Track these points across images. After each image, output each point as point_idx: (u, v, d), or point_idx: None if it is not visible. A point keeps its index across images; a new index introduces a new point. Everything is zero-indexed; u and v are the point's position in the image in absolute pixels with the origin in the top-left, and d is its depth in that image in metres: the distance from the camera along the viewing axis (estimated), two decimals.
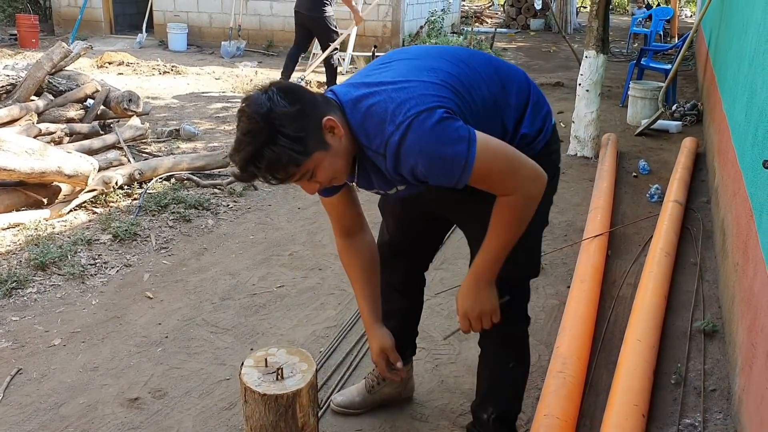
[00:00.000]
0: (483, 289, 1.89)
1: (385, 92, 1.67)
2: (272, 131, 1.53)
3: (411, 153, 1.61)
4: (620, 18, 20.26)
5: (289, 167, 1.57)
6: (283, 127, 1.53)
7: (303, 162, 1.58)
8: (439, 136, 1.60)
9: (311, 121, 1.58)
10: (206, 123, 6.93)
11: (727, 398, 2.65)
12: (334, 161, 1.64)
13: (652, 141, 6.51)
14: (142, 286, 3.50)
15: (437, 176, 1.64)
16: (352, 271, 2.10)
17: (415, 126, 1.59)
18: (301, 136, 1.55)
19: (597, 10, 5.74)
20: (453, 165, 1.61)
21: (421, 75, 1.72)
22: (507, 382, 2.20)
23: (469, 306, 1.91)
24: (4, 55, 10.75)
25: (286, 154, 1.54)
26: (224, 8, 12.32)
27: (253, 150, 1.54)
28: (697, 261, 3.83)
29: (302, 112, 1.56)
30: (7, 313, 3.18)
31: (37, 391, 2.64)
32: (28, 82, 5.32)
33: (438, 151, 1.60)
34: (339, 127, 1.62)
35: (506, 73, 1.92)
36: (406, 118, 1.60)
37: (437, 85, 1.70)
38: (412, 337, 2.52)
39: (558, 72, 10.52)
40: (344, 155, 1.67)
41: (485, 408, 2.20)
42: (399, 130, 1.60)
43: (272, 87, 1.58)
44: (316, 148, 1.59)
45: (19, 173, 4.01)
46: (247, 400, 1.97)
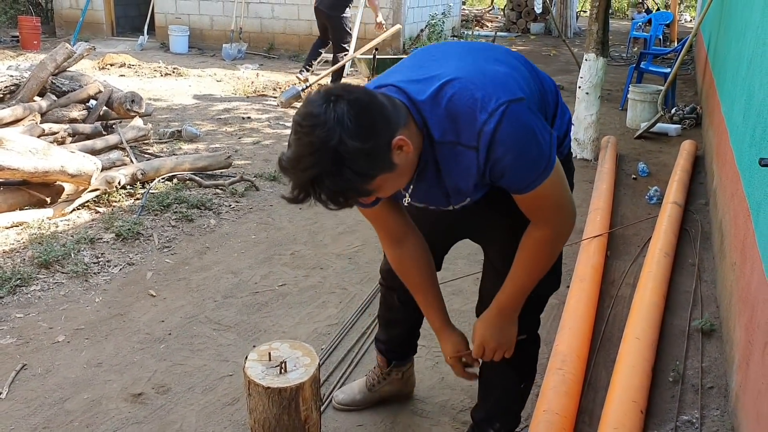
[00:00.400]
0: (506, 322, 1.87)
1: (462, 81, 1.52)
2: (339, 165, 1.35)
3: (503, 143, 1.50)
4: (620, 22, 20.33)
5: (349, 196, 1.42)
6: (353, 164, 1.36)
7: (366, 189, 1.44)
8: (530, 131, 1.52)
9: (382, 148, 1.41)
10: (208, 124, 6.97)
11: (725, 395, 2.68)
12: (398, 180, 1.52)
13: (652, 144, 6.55)
14: (145, 284, 3.53)
15: (517, 174, 1.55)
16: (411, 280, 1.94)
17: (510, 114, 1.48)
18: (370, 173, 1.41)
19: (597, 13, 5.79)
20: (535, 166, 1.55)
21: (488, 64, 1.62)
22: (518, 401, 2.20)
23: (489, 337, 1.88)
24: (6, 57, 10.79)
25: (350, 186, 1.39)
26: (225, 11, 12.37)
27: (313, 176, 1.36)
28: (695, 262, 3.86)
29: (375, 148, 1.39)
30: (11, 310, 3.21)
31: (42, 386, 2.67)
32: (32, 83, 5.35)
33: (528, 146, 1.52)
34: (409, 145, 1.46)
35: (538, 70, 1.84)
36: (499, 105, 1.48)
37: (509, 75, 1.60)
38: (415, 335, 2.53)
39: (558, 75, 10.56)
40: (410, 169, 1.54)
41: (492, 423, 2.18)
42: (493, 117, 1.47)
43: (340, 100, 1.37)
44: (381, 172, 1.43)
45: (23, 172, 4.04)
46: (251, 393, 2.00)
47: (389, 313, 2.43)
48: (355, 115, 1.36)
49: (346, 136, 1.34)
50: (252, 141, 6.41)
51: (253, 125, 7.08)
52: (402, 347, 2.50)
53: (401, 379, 2.55)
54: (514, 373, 2.11)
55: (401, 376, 2.54)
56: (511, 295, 1.82)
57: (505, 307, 1.85)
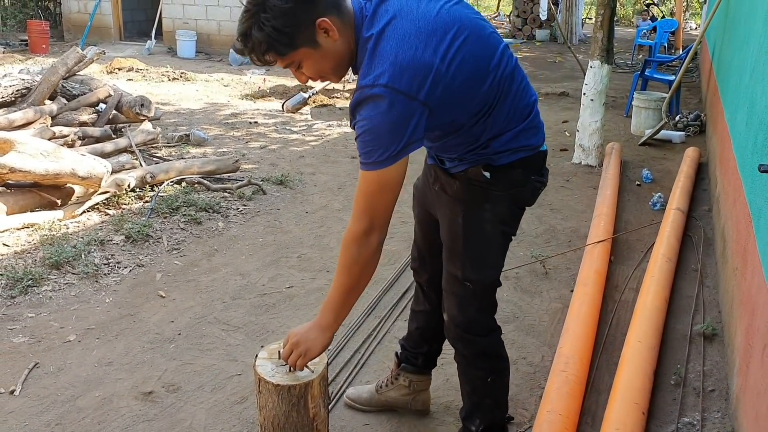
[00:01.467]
0: (314, 329, 1.97)
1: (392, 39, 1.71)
2: (263, 19, 1.65)
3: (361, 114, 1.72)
4: (625, 30, 20.37)
5: (270, 53, 1.70)
6: (271, 20, 1.64)
7: (286, 53, 1.70)
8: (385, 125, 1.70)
9: (303, 19, 1.67)
10: (215, 129, 7.04)
11: (726, 398, 2.72)
12: (322, 59, 1.76)
13: (656, 151, 6.59)
14: (155, 285, 3.58)
15: (359, 143, 1.76)
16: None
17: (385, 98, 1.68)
18: (287, 31, 1.66)
19: (602, 21, 5.85)
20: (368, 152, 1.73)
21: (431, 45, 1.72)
22: (489, 395, 2.21)
23: (298, 332, 1.99)
24: (15, 60, 10.89)
25: (269, 42, 1.67)
26: (233, 16, 12.45)
27: (243, 29, 1.69)
28: (698, 267, 3.90)
29: (293, 11, 1.65)
30: (23, 310, 3.27)
31: (54, 384, 2.72)
32: (43, 86, 5.42)
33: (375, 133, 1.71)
34: (333, 30, 1.71)
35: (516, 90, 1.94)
36: (384, 84, 1.68)
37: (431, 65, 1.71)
38: (432, 343, 2.50)
39: (563, 82, 10.62)
40: (334, 56, 1.76)
41: (473, 420, 2.23)
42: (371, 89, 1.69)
43: None
44: (303, 44, 1.70)
45: (34, 175, 4.10)
46: (261, 390, 2.05)
47: (414, 304, 2.50)
48: None
49: None
50: (259, 145, 6.47)
51: (260, 130, 7.14)
52: (415, 349, 2.51)
53: (408, 389, 2.54)
54: (476, 369, 2.17)
55: (408, 384, 2.53)
56: (328, 297, 1.98)
57: (322, 310, 1.98)
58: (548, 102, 9.08)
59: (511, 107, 1.91)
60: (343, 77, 1.87)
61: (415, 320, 2.49)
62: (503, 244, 2.09)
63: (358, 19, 1.77)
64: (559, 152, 6.39)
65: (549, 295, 3.57)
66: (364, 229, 1.82)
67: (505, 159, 1.94)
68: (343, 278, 1.91)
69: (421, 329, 2.47)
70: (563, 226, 4.56)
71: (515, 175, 1.97)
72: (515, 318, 3.32)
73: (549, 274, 3.80)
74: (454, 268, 2.07)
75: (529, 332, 3.20)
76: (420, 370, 2.53)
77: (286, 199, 4.97)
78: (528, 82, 2.01)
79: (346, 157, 6.16)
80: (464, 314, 2.10)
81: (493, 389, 2.21)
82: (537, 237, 4.35)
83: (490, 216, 1.99)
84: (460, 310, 2.10)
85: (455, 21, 1.79)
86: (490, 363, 2.18)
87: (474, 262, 2.04)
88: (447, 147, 1.98)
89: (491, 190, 1.98)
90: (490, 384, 2.19)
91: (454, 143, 1.95)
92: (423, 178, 2.26)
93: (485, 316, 2.14)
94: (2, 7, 14.03)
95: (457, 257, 2.05)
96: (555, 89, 9.76)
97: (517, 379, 2.81)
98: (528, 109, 1.97)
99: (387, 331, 3.17)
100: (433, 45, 1.72)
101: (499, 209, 2.00)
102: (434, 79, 1.71)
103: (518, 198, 2.03)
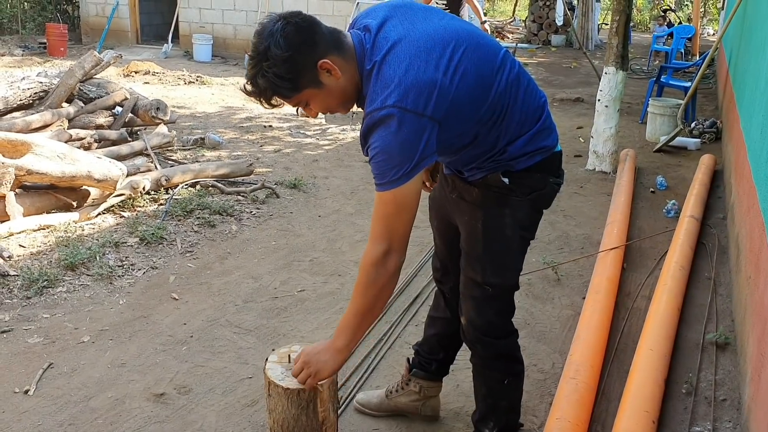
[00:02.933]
0: (328, 349, 1.97)
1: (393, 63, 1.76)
2: (266, 67, 1.72)
3: (374, 135, 1.76)
4: (642, 35, 20.29)
5: (275, 96, 1.78)
6: (272, 67, 1.72)
7: (292, 95, 1.79)
8: (399, 144, 1.73)
9: (304, 64, 1.74)
10: (230, 132, 7.08)
11: (738, 408, 2.70)
12: (327, 97, 1.83)
13: (671, 157, 6.56)
14: (168, 287, 3.61)
15: (373, 166, 1.79)
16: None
17: (395, 118, 1.72)
18: (289, 77, 1.73)
19: (617, 27, 5.83)
20: (383, 172, 1.77)
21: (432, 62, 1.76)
22: (504, 398, 2.23)
23: (310, 351, 2.00)
24: (33, 63, 11.01)
25: (273, 88, 1.75)
26: (249, 21, 12.53)
27: (249, 76, 1.78)
28: (711, 275, 3.88)
29: (293, 58, 1.72)
30: (38, 311, 3.31)
31: (67, 385, 2.75)
32: (60, 89, 5.49)
33: (389, 153, 1.74)
34: (335, 69, 1.77)
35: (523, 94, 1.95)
36: (392, 105, 1.72)
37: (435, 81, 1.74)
38: (449, 350, 2.50)
39: (578, 88, 10.59)
40: (339, 93, 1.83)
41: (486, 423, 2.24)
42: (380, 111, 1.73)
43: (285, 20, 1.73)
44: (307, 86, 1.77)
45: (51, 177, 4.15)
46: (270, 393, 2.06)
47: (434, 310, 2.52)
48: (285, 32, 1.71)
49: (272, 45, 1.71)
50: (273, 149, 6.51)
51: (274, 134, 7.18)
52: (430, 355, 2.51)
53: (418, 395, 2.54)
54: (493, 371, 2.19)
55: (419, 390, 2.53)
56: (341, 323, 1.97)
57: (336, 332, 1.98)
58: (563, 108, 9.06)
59: (522, 111, 1.93)
60: (351, 108, 1.94)
61: (433, 326, 2.50)
62: (523, 248, 2.12)
63: (359, 53, 1.82)
64: (573, 158, 6.37)
65: (561, 302, 3.56)
66: (383, 252, 1.83)
67: (523, 164, 1.97)
68: (359, 300, 1.92)
69: (439, 336, 2.48)
70: (576, 232, 4.55)
71: (534, 179, 2.01)
72: (526, 324, 3.31)
73: (561, 280, 3.80)
74: (473, 273, 2.09)
75: (540, 339, 3.20)
76: (431, 377, 2.53)
77: (299, 203, 4.99)
78: (535, 85, 2.02)
79: (359, 161, 6.18)
80: (483, 317, 2.13)
81: (509, 392, 2.23)
82: (550, 243, 4.34)
83: (510, 221, 2.03)
84: (478, 313, 2.12)
85: (452, 35, 1.83)
86: (507, 365, 2.20)
87: (495, 266, 2.07)
88: (465, 160, 2.01)
89: (510, 196, 2.01)
90: (506, 386, 2.21)
91: (472, 154, 1.97)
92: (439, 188, 2.28)
93: (503, 318, 2.17)
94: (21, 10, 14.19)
95: (478, 261, 2.07)
96: (570, 95, 9.73)
97: (527, 386, 2.78)
98: (539, 111, 1.99)
99: (398, 336, 3.18)
100: (434, 61, 1.76)
101: (519, 214, 2.03)
102: (439, 94, 1.74)
103: (538, 202, 2.06)
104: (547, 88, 10.61)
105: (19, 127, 4.92)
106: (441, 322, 2.46)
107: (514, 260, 2.11)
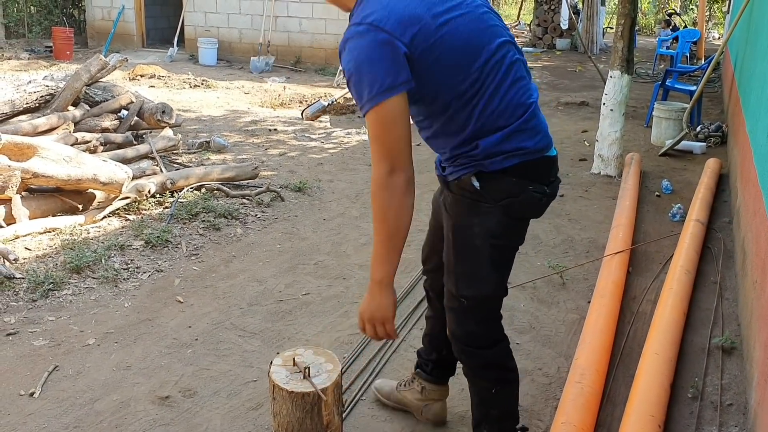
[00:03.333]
0: (374, 291, 1.93)
1: None
2: None
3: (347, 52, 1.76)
4: (647, 39, 20.28)
5: None
6: None
7: None
8: (372, 59, 1.72)
9: None
10: (235, 136, 7.09)
11: (744, 413, 2.69)
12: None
13: (676, 161, 6.54)
14: (173, 290, 3.62)
15: (352, 87, 1.77)
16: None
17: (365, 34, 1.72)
18: None
19: (622, 31, 5.83)
20: (360, 92, 1.75)
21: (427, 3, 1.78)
22: (495, 406, 2.19)
23: (362, 307, 1.98)
24: (39, 67, 11.05)
25: None
26: (254, 24, 12.56)
27: None
28: (717, 280, 3.86)
29: None
30: (44, 313, 3.31)
31: (72, 387, 2.76)
32: (67, 93, 5.50)
33: (362, 69, 1.73)
34: None
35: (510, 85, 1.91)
36: (366, 22, 1.73)
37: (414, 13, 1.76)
38: (441, 350, 2.46)
39: (583, 91, 10.58)
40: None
41: (480, 429, 2.23)
42: (356, 27, 1.75)
43: None
44: None
45: (57, 180, 4.16)
46: (275, 397, 2.07)
47: (427, 310, 2.54)
48: None
49: None
50: (278, 152, 6.52)
51: (279, 137, 7.19)
52: (426, 356, 2.53)
53: (420, 395, 2.54)
54: (481, 380, 2.17)
55: (421, 390, 2.54)
56: (373, 255, 1.91)
57: (372, 268, 1.93)
58: (568, 111, 9.05)
59: (503, 101, 1.87)
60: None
61: (426, 326, 2.54)
62: (497, 258, 2.02)
63: None
64: (578, 162, 6.37)
65: (566, 306, 3.55)
66: (386, 172, 1.80)
67: (498, 164, 1.90)
68: (382, 227, 1.86)
69: (429, 336, 2.50)
70: (581, 236, 4.54)
71: (508, 183, 1.92)
72: (531, 328, 3.31)
73: (566, 284, 3.79)
74: (449, 285, 2.07)
75: (545, 343, 3.19)
76: (432, 379, 2.53)
77: (304, 206, 5.00)
78: (529, 84, 1.97)
79: (364, 164, 6.18)
80: (462, 328, 2.09)
81: (499, 400, 2.19)
82: (555, 247, 4.34)
83: (479, 230, 1.96)
84: (457, 324, 2.09)
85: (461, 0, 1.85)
86: (496, 374, 2.16)
87: (466, 278, 2.02)
88: (438, 137, 1.97)
89: (480, 203, 1.95)
90: (495, 395, 2.17)
91: (442, 133, 1.94)
92: (438, 190, 2.28)
93: (485, 328, 2.11)
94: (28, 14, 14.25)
95: (451, 273, 2.05)
96: (575, 98, 9.72)
97: (532, 390, 2.80)
98: (523, 108, 1.91)
99: (402, 339, 3.18)
100: (429, 4, 1.78)
101: (488, 224, 1.95)
102: (420, 31, 1.75)
103: (511, 210, 1.96)
104: (552, 91, 10.61)
105: (25, 130, 4.94)
106: (430, 321, 2.48)
107: (487, 271, 2.01)
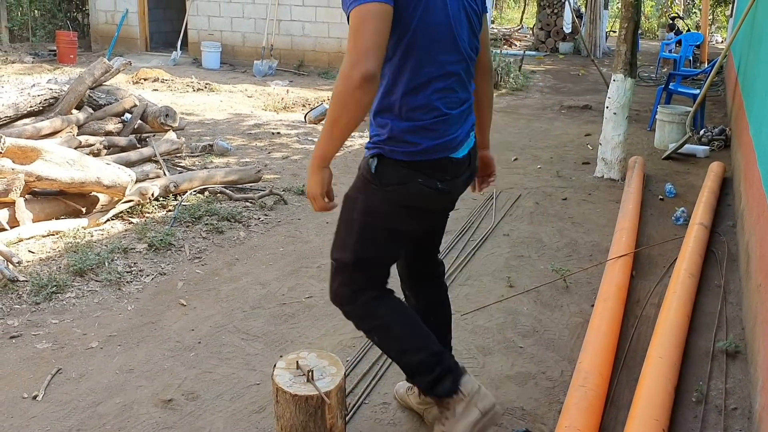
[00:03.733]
0: (311, 168, 2.04)
1: None
2: None
3: None
4: (650, 43, 20.26)
5: None
6: None
7: None
8: None
9: None
10: (239, 139, 7.10)
11: (749, 417, 2.68)
12: None
13: (679, 165, 6.53)
14: (176, 293, 3.62)
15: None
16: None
17: None
18: None
19: (625, 34, 5.82)
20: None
21: None
22: (388, 350, 2.33)
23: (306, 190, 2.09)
24: (43, 70, 11.08)
25: None
26: (257, 28, 12.58)
27: None
28: (721, 283, 3.85)
29: None
30: (47, 316, 3.31)
31: (75, 390, 2.76)
32: (70, 96, 5.51)
33: None
34: None
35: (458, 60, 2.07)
36: None
37: None
38: None
39: (586, 95, 10.57)
40: None
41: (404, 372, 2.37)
42: None
43: None
44: None
45: (61, 183, 4.17)
46: (278, 400, 2.06)
47: None
48: None
49: None
50: (281, 156, 6.52)
51: (282, 140, 7.19)
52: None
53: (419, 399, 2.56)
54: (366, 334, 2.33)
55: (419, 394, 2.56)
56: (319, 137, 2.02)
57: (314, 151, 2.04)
58: (571, 115, 9.05)
59: (425, 85, 2.01)
60: None
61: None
62: (368, 234, 2.17)
63: None
64: (582, 165, 6.36)
65: (569, 310, 3.55)
66: (350, 64, 1.85)
67: (397, 155, 2.04)
68: (331, 111, 1.94)
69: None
70: (585, 240, 4.53)
71: (398, 172, 2.07)
72: (535, 332, 3.30)
73: (570, 288, 3.78)
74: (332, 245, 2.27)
75: (548, 346, 3.19)
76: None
77: (307, 210, 5.00)
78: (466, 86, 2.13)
79: None
80: (331, 287, 2.28)
81: (386, 343, 2.30)
82: (558, 251, 4.33)
83: (360, 206, 2.14)
84: (330, 283, 2.28)
85: None
86: (368, 324, 2.28)
87: (337, 242, 2.24)
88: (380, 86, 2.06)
89: (371, 183, 2.10)
90: (381, 342, 2.30)
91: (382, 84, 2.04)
92: None
93: (347, 290, 2.25)
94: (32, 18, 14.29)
95: (334, 236, 2.26)
96: (578, 102, 9.72)
97: (535, 394, 2.80)
98: (438, 111, 2.04)
99: None
100: None
101: (370, 201, 2.12)
102: None
103: (395, 195, 2.09)
104: (555, 95, 10.61)
105: (29, 133, 4.95)
106: None
107: (353, 241, 2.18)
